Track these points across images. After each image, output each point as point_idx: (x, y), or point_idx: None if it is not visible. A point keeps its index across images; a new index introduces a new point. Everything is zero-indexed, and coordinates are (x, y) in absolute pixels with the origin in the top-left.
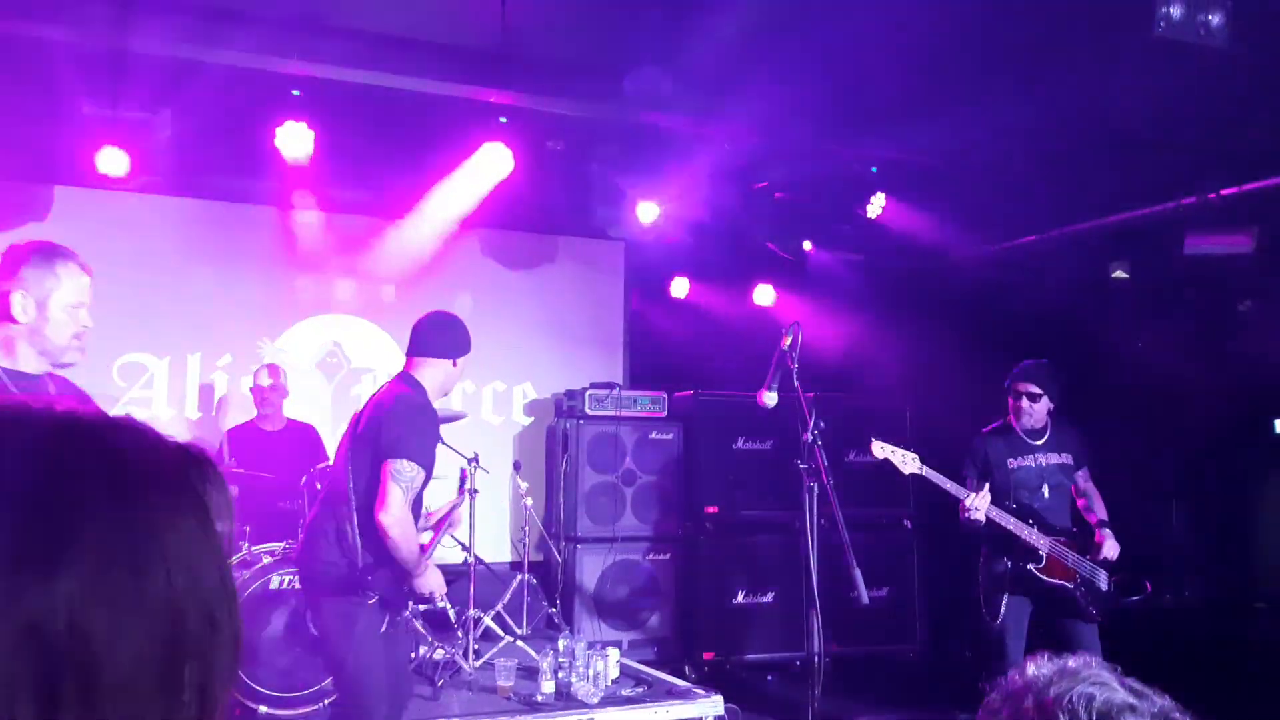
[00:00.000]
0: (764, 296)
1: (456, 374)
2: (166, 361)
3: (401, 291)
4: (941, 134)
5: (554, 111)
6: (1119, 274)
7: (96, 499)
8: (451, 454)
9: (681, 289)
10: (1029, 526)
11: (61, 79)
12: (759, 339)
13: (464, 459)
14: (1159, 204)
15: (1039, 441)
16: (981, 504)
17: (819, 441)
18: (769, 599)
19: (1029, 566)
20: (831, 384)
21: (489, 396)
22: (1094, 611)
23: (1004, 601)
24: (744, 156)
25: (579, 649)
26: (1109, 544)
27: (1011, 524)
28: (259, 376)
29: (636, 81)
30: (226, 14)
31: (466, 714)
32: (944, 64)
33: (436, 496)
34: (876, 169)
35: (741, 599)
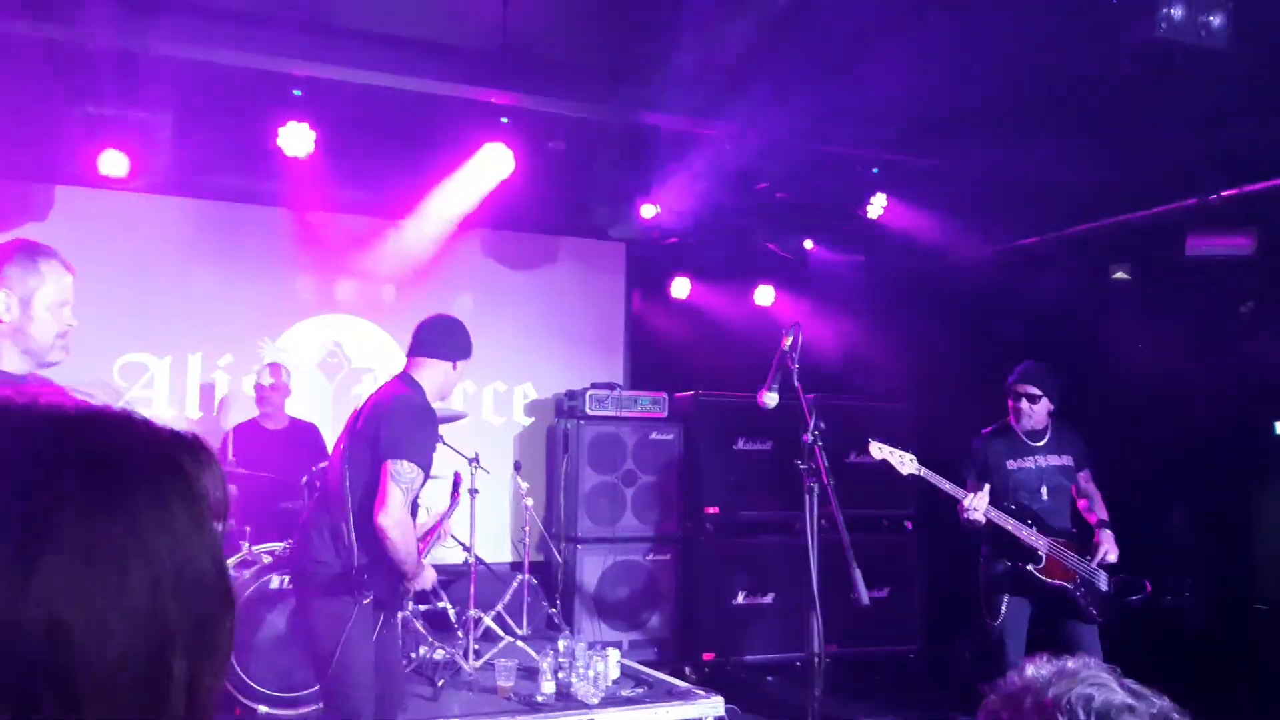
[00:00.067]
0: (764, 297)
1: (456, 377)
2: (167, 361)
3: (402, 291)
4: (943, 136)
5: (555, 112)
6: (1120, 275)
7: (76, 493)
8: (450, 454)
9: (682, 289)
10: (1028, 527)
11: (62, 78)
12: (759, 339)
13: (465, 459)
14: (1160, 205)
15: (1039, 443)
16: (980, 505)
17: (819, 442)
18: (769, 599)
19: (1028, 567)
20: (832, 385)
21: (490, 397)
22: (1094, 612)
23: (1004, 602)
24: (745, 157)
25: (579, 649)
26: (1108, 545)
27: (1010, 525)
28: (261, 375)
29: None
30: (228, 14)
31: (467, 714)
32: (946, 66)
33: (435, 497)
34: (877, 169)
35: (742, 599)
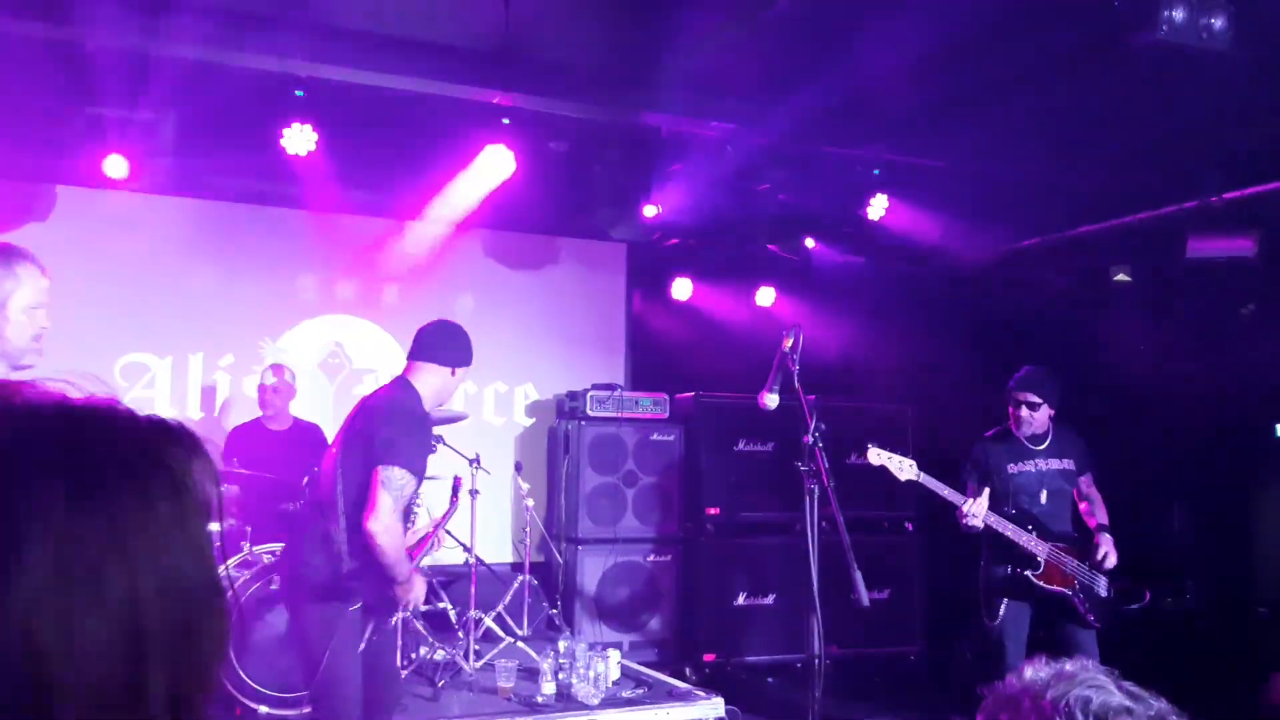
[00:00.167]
0: (765, 298)
1: (454, 383)
2: (168, 361)
3: (404, 292)
4: (944, 137)
5: (556, 113)
6: (1121, 277)
7: (52, 496)
8: (451, 456)
9: (683, 290)
10: (1028, 532)
11: (64, 79)
12: (760, 341)
13: (465, 460)
14: (1161, 207)
15: (1040, 447)
16: (978, 510)
17: (820, 443)
18: (770, 601)
19: (1026, 573)
20: (833, 386)
21: (491, 397)
22: (1092, 618)
23: (1003, 605)
24: (746, 158)
25: (580, 650)
26: (1107, 549)
27: (1010, 530)
28: (264, 376)
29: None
30: (230, 15)
31: (467, 715)
32: (947, 67)
33: (436, 499)
34: (879, 171)
35: (742, 601)
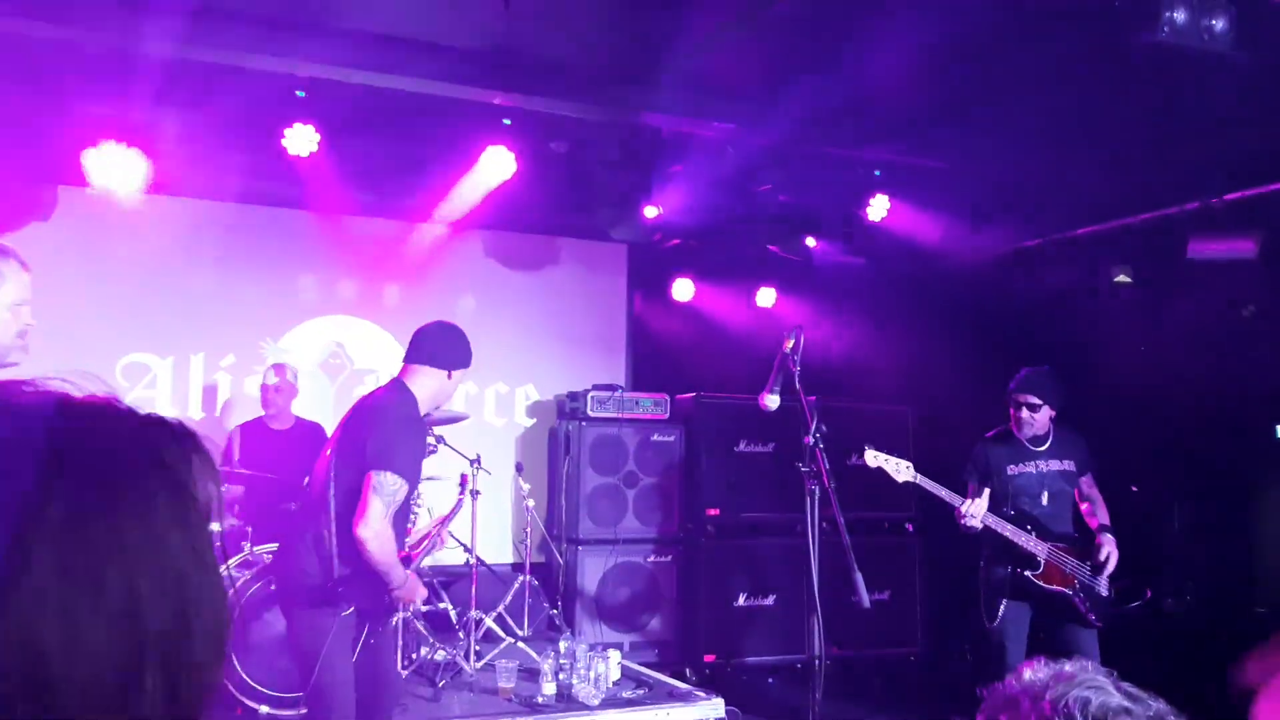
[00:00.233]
0: (766, 299)
1: (451, 386)
2: (169, 362)
3: (405, 293)
4: (945, 138)
5: (557, 113)
6: (1122, 278)
7: (47, 496)
8: (454, 455)
9: (684, 291)
10: (1027, 533)
11: (66, 79)
12: (761, 341)
13: (466, 460)
14: (1162, 208)
15: (1041, 448)
16: (977, 511)
17: (820, 444)
18: (770, 601)
19: (1026, 574)
20: (833, 387)
21: (491, 398)
22: (1093, 618)
23: (1003, 606)
24: (747, 159)
25: (580, 651)
26: (1108, 550)
27: (1009, 531)
28: (266, 375)
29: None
30: (232, 16)
31: (467, 715)
32: (948, 68)
33: (436, 499)
34: (880, 172)
35: (743, 601)
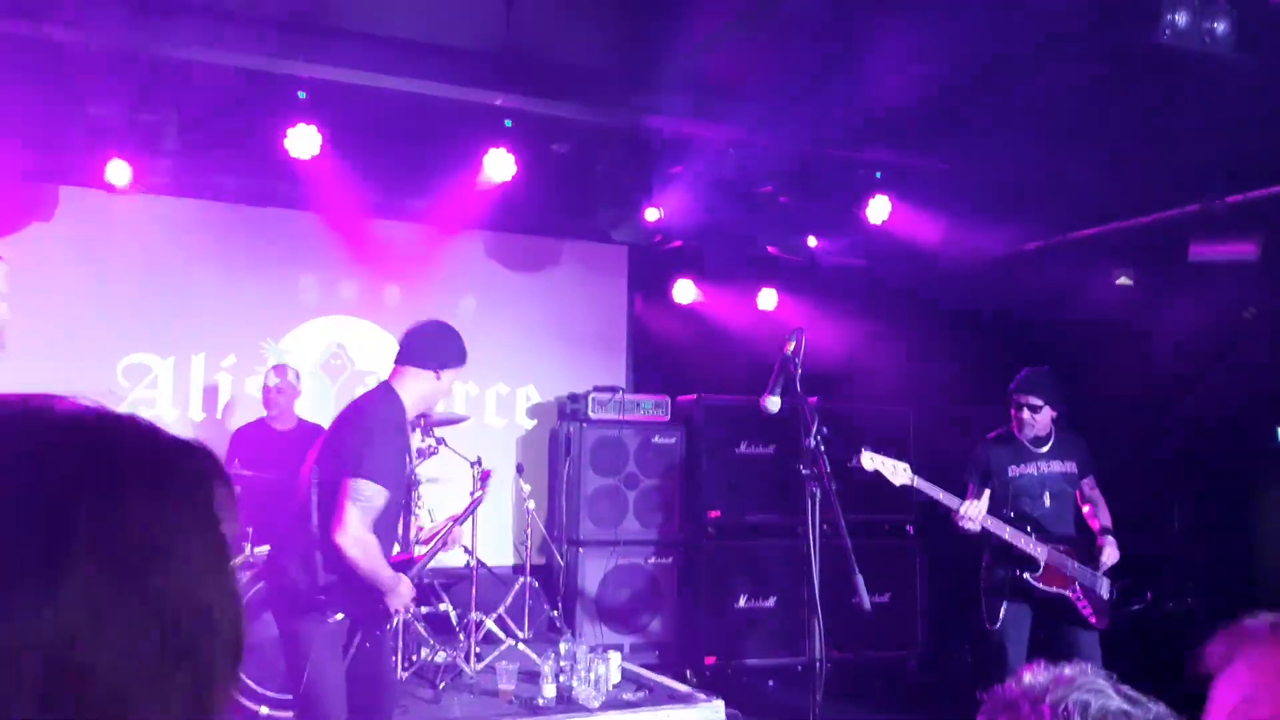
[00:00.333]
0: (767, 301)
1: (442, 387)
2: (170, 362)
3: (406, 293)
4: (947, 139)
5: (558, 115)
6: (1123, 281)
7: (97, 503)
8: (480, 454)
9: (685, 293)
10: (1027, 535)
11: (68, 79)
12: (762, 343)
13: (467, 462)
14: (1164, 211)
15: (1042, 449)
16: (974, 513)
17: (821, 447)
18: (771, 604)
19: (1025, 575)
20: (834, 389)
21: (492, 399)
22: (1094, 619)
23: (1004, 608)
24: (747, 160)
25: (580, 652)
26: (1109, 550)
27: (1008, 533)
28: (268, 376)
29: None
30: (234, 16)
31: (468, 717)
32: (948, 69)
33: (438, 501)
34: (880, 173)
35: (743, 603)
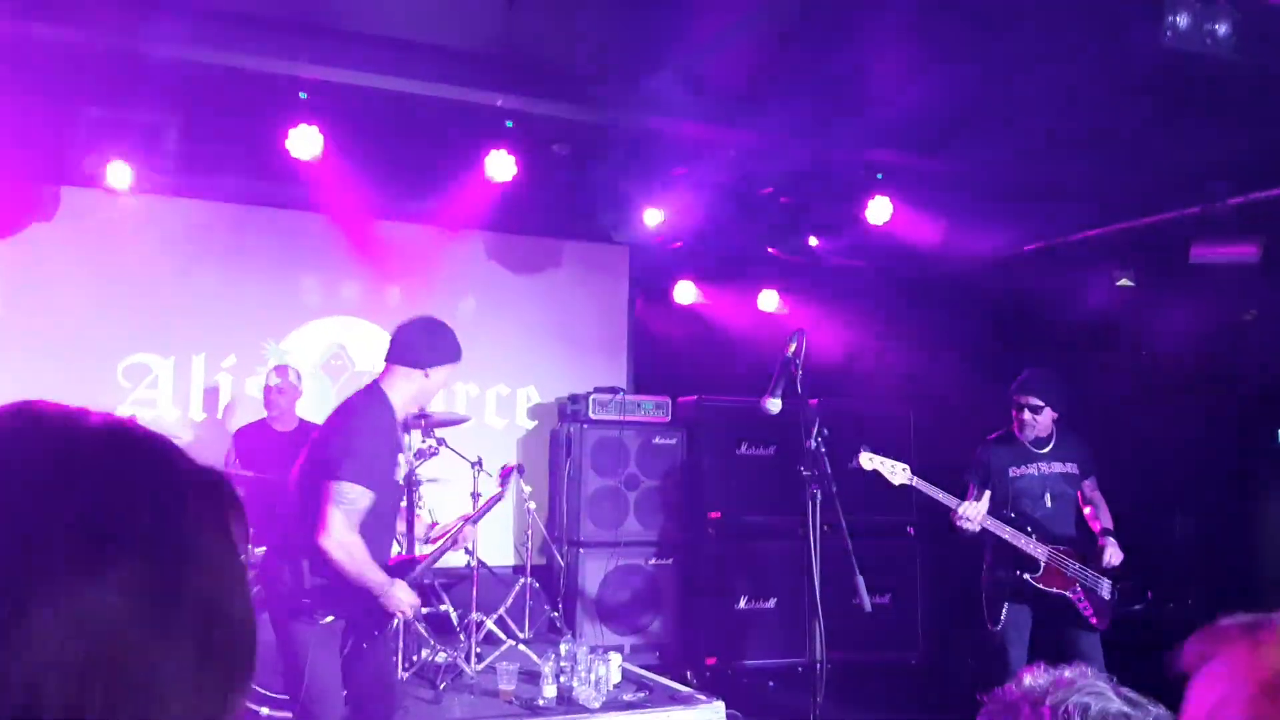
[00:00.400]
0: (768, 302)
1: (432, 385)
2: (171, 362)
3: (406, 294)
4: (948, 140)
5: (559, 116)
6: (1124, 282)
7: (144, 505)
8: (458, 458)
9: (686, 294)
10: (1027, 535)
11: (69, 80)
12: (763, 344)
13: (468, 462)
14: (1165, 212)
15: (1043, 450)
16: (973, 513)
17: (822, 448)
18: (771, 605)
19: (1025, 576)
20: (835, 390)
21: (493, 400)
22: (1095, 620)
23: (1005, 609)
24: (749, 162)
25: (581, 653)
26: (1110, 551)
27: (1008, 533)
28: (269, 377)
29: (647, 86)
30: (235, 17)
31: (468, 717)
32: (950, 70)
33: (438, 502)
34: (881, 175)
35: (744, 604)
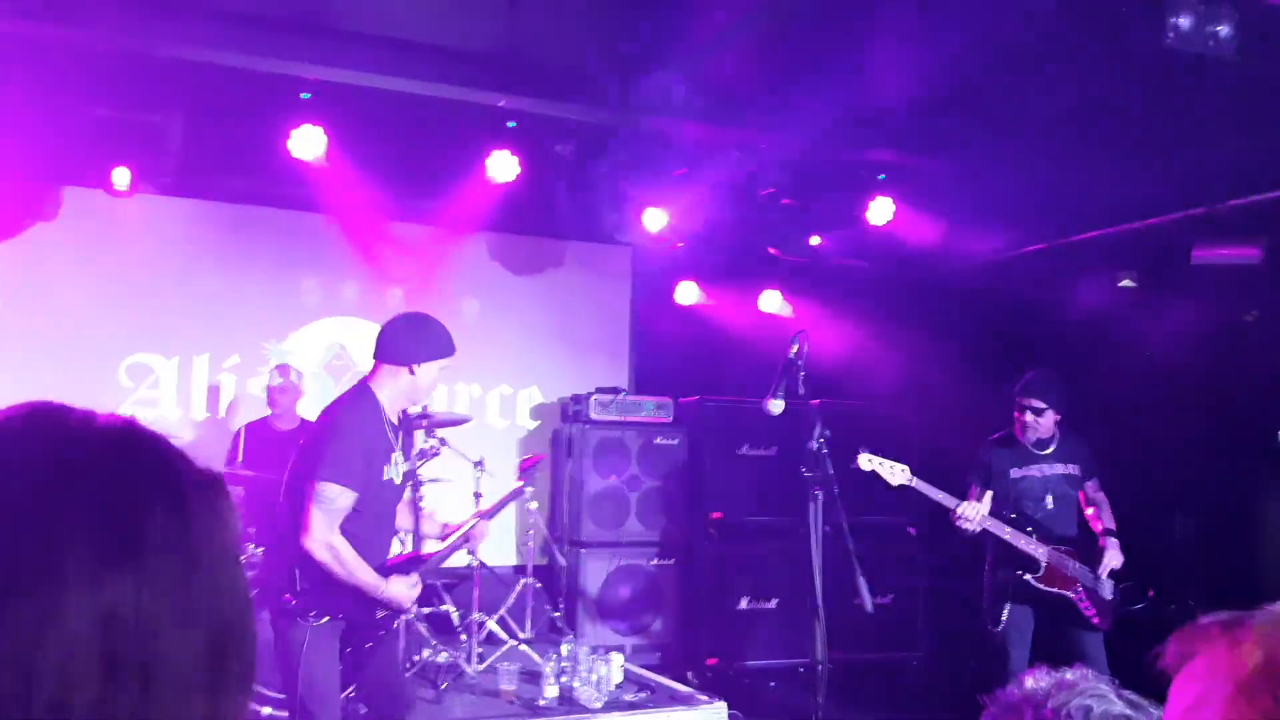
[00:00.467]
0: (770, 302)
1: (421, 381)
2: (174, 362)
3: (408, 295)
4: (949, 141)
5: (562, 116)
6: (1126, 283)
7: (157, 505)
8: (459, 458)
9: (687, 294)
10: (1028, 536)
11: (71, 80)
12: (765, 345)
13: (470, 463)
14: (1167, 214)
15: (1045, 451)
16: (972, 513)
17: (824, 449)
18: (773, 605)
19: (1026, 577)
20: (836, 391)
21: (495, 400)
22: (1096, 620)
23: (1006, 610)
24: (751, 162)
25: (582, 653)
26: (1112, 552)
27: (1008, 534)
28: (271, 376)
29: (649, 86)
30: (238, 17)
31: (469, 717)
32: (952, 71)
33: (439, 502)
34: (884, 175)
35: (745, 605)
